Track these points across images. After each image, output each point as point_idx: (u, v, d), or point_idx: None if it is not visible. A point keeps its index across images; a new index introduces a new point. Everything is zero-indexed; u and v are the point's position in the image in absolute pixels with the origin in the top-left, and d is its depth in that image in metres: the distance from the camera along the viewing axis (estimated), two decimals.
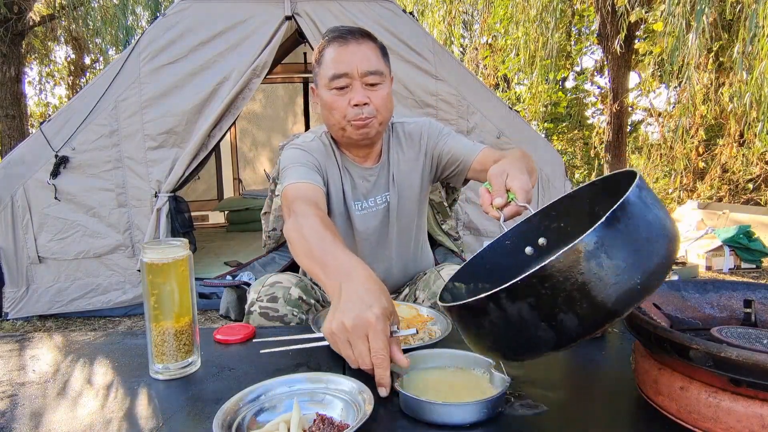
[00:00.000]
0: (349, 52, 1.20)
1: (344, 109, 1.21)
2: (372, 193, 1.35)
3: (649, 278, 0.55)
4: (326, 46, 1.23)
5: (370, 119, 1.22)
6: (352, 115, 1.21)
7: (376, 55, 1.24)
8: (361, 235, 1.35)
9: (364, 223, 1.34)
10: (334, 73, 1.20)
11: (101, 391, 0.81)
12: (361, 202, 1.34)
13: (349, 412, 0.69)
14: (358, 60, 1.20)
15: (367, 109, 1.21)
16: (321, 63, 1.24)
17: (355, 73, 1.20)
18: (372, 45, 1.24)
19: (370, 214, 1.35)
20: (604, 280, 0.54)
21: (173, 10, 3.21)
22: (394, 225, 1.36)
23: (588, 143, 8.54)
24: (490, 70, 8.30)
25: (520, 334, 0.59)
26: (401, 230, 1.38)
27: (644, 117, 8.58)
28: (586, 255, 0.53)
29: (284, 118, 6.44)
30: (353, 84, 1.20)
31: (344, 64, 1.19)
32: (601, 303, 0.54)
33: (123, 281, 3.34)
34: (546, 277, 0.54)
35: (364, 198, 1.34)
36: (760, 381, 0.57)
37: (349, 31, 1.23)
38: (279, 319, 1.17)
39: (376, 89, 1.22)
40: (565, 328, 0.56)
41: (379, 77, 1.22)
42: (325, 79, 1.22)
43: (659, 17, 4.82)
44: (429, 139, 1.37)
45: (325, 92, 1.23)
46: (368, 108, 1.21)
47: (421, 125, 1.39)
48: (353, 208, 1.33)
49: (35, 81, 9.43)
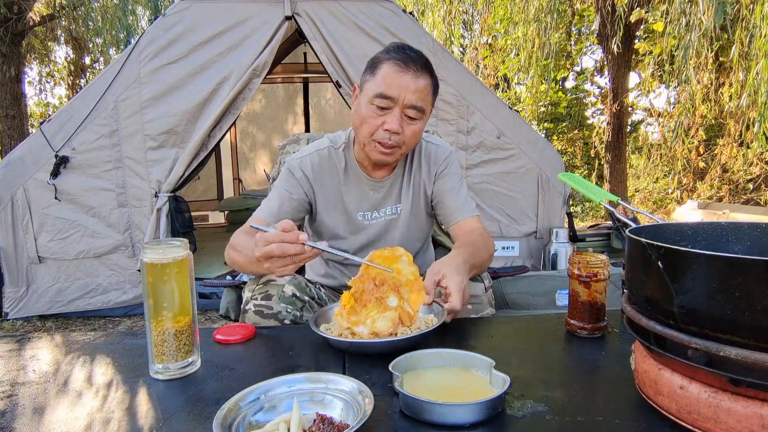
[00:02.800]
0: (404, 79, 1.20)
1: (375, 128, 1.23)
2: (382, 204, 1.38)
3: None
4: (385, 61, 1.23)
5: (394, 148, 1.24)
6: (380, 137, 1.23)
7: (427, 91, 1.25)
8: (367, 241, 1.39)
9: (371, 232, 1.38)
10: (382, 92, 1.21)
11: (101, 391, 0.81)
12: (370, 212, 1.38)
13: (349, 412, 0.69)
14: (410, 91, 1.21)
15: (396, 138, 1.23)
16: (374, 74, 1.24)
17: (401, 101, 1.21)
18: (428, 81, 1.24)
19: (379, 223, 1.39)
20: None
21: (173, 10, 3.21)
22: (404, 233, 1.40)
23: (588, 143, 8.53)
24: (490, 70, 8.29)
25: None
26: (410, 237, 1.42)
27: (644, 117, 8.58)
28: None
29: (284, 118, 6.44)
30: (394, 109, 1.22)
31: (395, 89, 1.20)
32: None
33: (123, 281, 3.34)
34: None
35: (374, 209, 1.38)
36: (759, 381, 0.57)
37: (413, 59, 1.22)
38: (273, 317, 1.17)
39: (412, 123, 1.24)
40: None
41: (420, 113, 1.24)
42: (371, 93, 1.23)
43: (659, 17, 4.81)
44: (438, 171, 1.40)
45: (366, 104, 1.24)
46: (397, 137, 1.23)
47: (440, 153, 1.41)
48: (359, 218, 1.37)
49: (35, 81, 9.43)
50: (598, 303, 0.98)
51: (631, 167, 7.94)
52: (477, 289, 1.25)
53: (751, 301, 0.55)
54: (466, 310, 1.22)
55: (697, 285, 0.60)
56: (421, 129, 1.28)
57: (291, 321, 1.18)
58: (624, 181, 6.42)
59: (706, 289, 0.59)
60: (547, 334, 1.03)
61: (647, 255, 0.65)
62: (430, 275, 1.07)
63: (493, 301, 1.29)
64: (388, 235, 1.40)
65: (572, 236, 3.70)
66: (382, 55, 1.25)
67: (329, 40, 3.26)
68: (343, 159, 1.37)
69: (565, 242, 3.56)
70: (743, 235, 0.78)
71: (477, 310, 1.23)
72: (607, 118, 6.39)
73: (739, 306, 0.56)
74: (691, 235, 0.80)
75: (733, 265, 0.57)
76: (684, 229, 0.80)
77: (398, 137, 1.23)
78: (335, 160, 1.36)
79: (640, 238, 0.67)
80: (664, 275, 0.63)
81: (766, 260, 0.54)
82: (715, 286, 0.58)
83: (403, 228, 1.40)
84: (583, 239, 4.02)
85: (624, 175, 6.44)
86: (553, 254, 3.55)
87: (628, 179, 7.05)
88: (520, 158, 3.59)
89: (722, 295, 0.57)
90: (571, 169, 8.66)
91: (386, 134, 1.22)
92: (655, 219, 0.85)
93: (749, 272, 0.55)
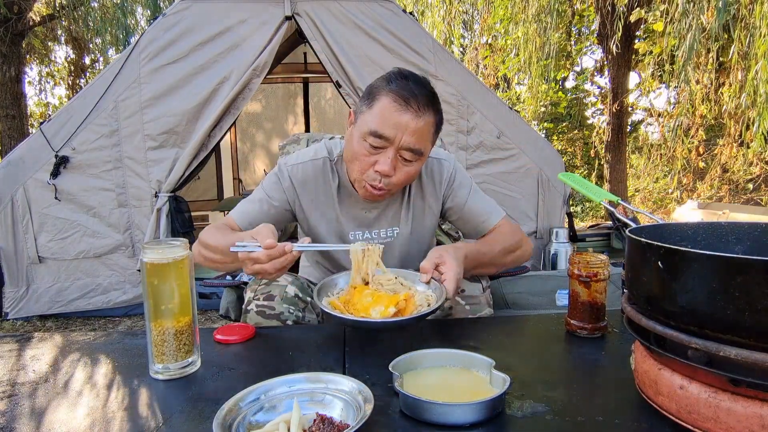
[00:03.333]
0: (402, 119, 1.09)
1: (366, 167, 1.14)
2: (376, 225, 1.32)
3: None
4: (384, 93, 1.11)
5: (384, 190, 1.16)
6: (369, 178, 1.15)
7: (428, 132, 1.14)
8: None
9: None
10: (376, 130, 1.10)
11: (101, 391, 0.81)
12: (362, 232, 1.31)
13: (349, 412, 0.69)
14: (408, 132, 1.09)
15: (387, 180, 1.14)
16: (370, 107, 1.12)
17: (397, 142, 1.10)
18: (430, 120, 1.13)
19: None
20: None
21: (173, 10, 3.21)
22: (403, 255, 1.35)
23: (588, 143, 8.54)
24: (490, 70, 8.30)
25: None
26: (409, 258, 1.36)
27: (644, 117, 8.59)
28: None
29: (284, 118, 6.43)
30: (388, 150, 1.11)
31: (391, 128, 1.09)
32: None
33: (123, 281, 3.34)
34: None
35: (366, 228, 1.31)
36: (759, 381, 0.57)
37: (414, 95, 1.10)
38: (275, 317, 1.17)
39: (407, 164, 1.14)
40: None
41: (417, 156, 1.14)
42: (365, 128, 1.12)
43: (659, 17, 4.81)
44: (447, 188, 1.33)
45: (359, 138, 1.14)
46: (388, 180, 1.14)
47: (446, 168, 1.33)
48: (350, 237, 1.30)
49: (35, 81, 9.42)
50: (598, 303, 0.98)
51: (631, 167, 7.94)
52: (475, 290, 1.24)
53: (751, 301, 0.55)
54: (463, 309, 1.21)
55: (697, 285, 0.60)
56: (417, 170, 1.17)
57: (293, 322, 1.17)
58: (624, 181, 6.42)
59: (706, 289, 0.59)
60: (547, 334, 1.03)
61: (647, 255, 0.65)
62: (430, 258, 1.07)
63: (492, 301, 1.28)
64: (384, 257, 1.36)
65: (572, 236, 3.71)
66: (382, 85, 1.13)
67: (329, 40, 3.26)
68: (337, 174, 1.29)
69: (565, 242, 3.57)
70: (743, 235, 0.78)
71: (475, 310, 1.22)
72: (607, 118, 6.40)
73: (739, 306, 0.56)
74: (691, 235, 0.80)
75: (733, 265, 0.57)
76: (684, 229, 0.80)
77: (389, 179, 1.13)
78: (329, 174, 1.28)
79: (640, 238, 0.67)
80: (664, 275, 0.63)
81: (766, 260, 0.54)
82: (715, 286, 0.58)
83: (401, 250, 1.34)
84: (583, 239, 4.02)
85: (624, 175, 6.44)
86: (553, 254, 3.55)
87: (628, 179, 7.06)
88: (520, 158, 3.59)
89: (722, 295, 0.57)
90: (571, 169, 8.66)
91: (377, 176, 1.13)
92: (655, 219, 0.85)
93: (749, 272, 0.55)
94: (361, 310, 0.98)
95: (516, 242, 1.30)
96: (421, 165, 1.19)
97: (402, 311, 0.97)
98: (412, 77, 1.14)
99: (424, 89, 1.12)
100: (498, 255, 1.25)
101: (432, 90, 1.15)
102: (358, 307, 0.99)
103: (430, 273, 1.04)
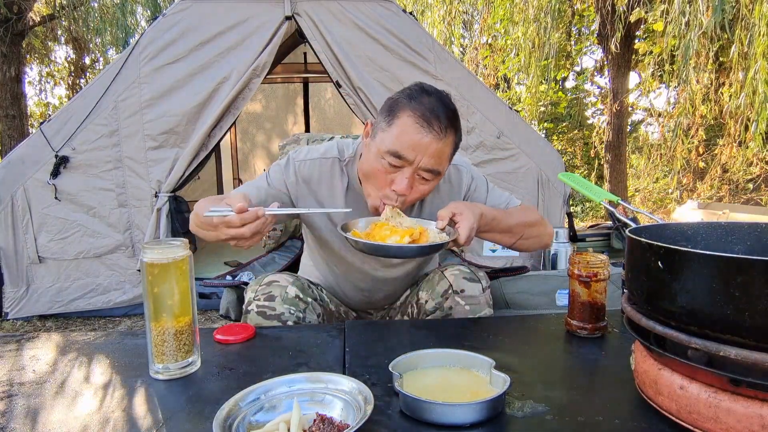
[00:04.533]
0: (424, 140, 1.06)
1: (382, 185, 1.12)
2: None
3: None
4: (406, 112, 1.08)
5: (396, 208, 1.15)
6: (385, 196, 1.13)
7: (448, 153, 1.12)
8: (361, 262, 1.33)
9: (368, 254, 1.30)
10: (396, 151, 1.07)
11: (101, 391, 0.81)
12: None
13: (349, 412, 0.69)
14: (428, 154, 1.07)
15: (402, 199, 1.13)
16: (390, 124, 1.09)
17: (416, 163, 1.08)
18: (452, 140, 1.11)
19: None
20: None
21: (173, 10, 3.21)
22: (410, 260, 1.34)
23: (588, 143, 8.54)
24: (490, 70, 8.29)
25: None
26: (414, 262, 1.36)
27: (644, 117, 8.59)
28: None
29: (284, 118, 6.43)
30: (405, 169, 1.09)
31: (411, 150, 1.07)
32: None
33: (123, 281, 3.34)
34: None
35: None
36: (759, 381, 0.57)
37: (437, 116, 1.07)
38: (276, 318, 1.17)
39: (424, 183, 1.13)
40: None
41: (435, 176, 1.12)
42: (384, 147, 1.09)
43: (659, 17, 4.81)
44: (468, 196, 1.33)
45: (376, 155, 1.11)
46: (404, 198, 1.13)
47: (464, 176, 1.33)
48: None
49: (35, 81, 9.43)
50: (598, 303, 0.98)
51: (631, 167, 7.94)
52: (475, 290, 1.24)
53: (751, 301, 0.55)
54: (463, 309, 1.21)
55: (697, 285, 0.60)
56: (432, 188, 1.16)
57: (294, 322, 1.17)
58: (624, 181, 6.42)
59: (706, 289, 0.59)
60: (547, 334, 1.03)
61: (647, 255, 0.65)
62: (447, 208, 1.09)
63: (491, 301, 1.28)
64: (388, 259, 1.33)
65: (572, 236, 3.71)
66: (404, 101, 1.09)
67: (329, 40, 3.26)
68: (347, 175, 1.27)
69: (565, 242, 3.56)
70: (743, 235, 0.78)
71: (475, 310, 1.22)
72: (607, 118, 6.40)
73: (739, 306, 0.56)
74: (691, 235, 0.80)
75: (733, 265, 0.57)
76: (684, 229, 0.80)
77: (404, 198, 1.12)
78: (337, 174, 1.27)
79: (640, 238, 0.67)
80: (664, 275, 0.63)
81: (766, 260, 0.54)
82: (715, 286, 0.58)
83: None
84: (583, 239, 4.02)
85: (624, 175, 6.44)
86: (553, 254, 3.55)
87: (628, 179, 7.06)
88: (520, 158, 3.59)
89: (722, 295, 0.57)
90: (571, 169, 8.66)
91: (393, 194, 1.11)
92: (655, 219, 0.85)
93: (749, 272, 0.55)
94: (379, 239, 1.06)
95: (535, 219, 1.29)
96: (437, 183, 1.18)
97: (416, 242, 1.05)
98: (435, 94, 1.11)
99: (446, 108, 1.09)
100: (513, 225, 1.23)
101: (454, 108, 1.12)
102: (377, 239, 1.07)
103: (446, 219, 1.07)
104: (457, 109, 1.14)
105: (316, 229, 1.33)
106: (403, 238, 1.04)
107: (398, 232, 1.07)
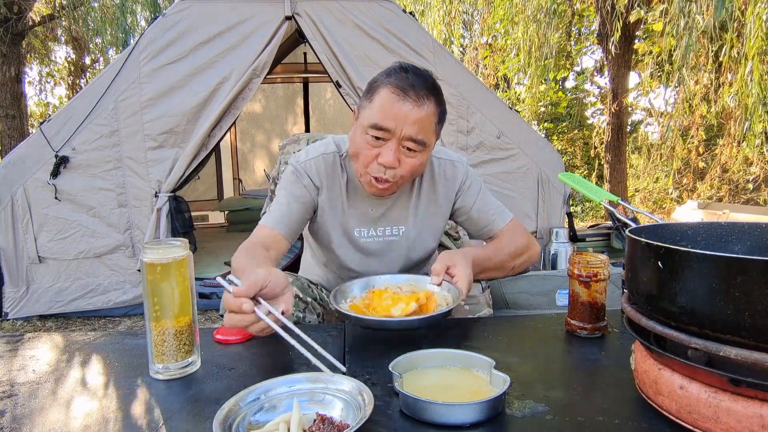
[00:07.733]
0: (403, 110, 1.08)
1: (369, 161, 1.13)
2: (381, 222, 1.31)
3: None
4: (383, 86, 1.11)
5: (390, 182, 1.15)
6: (374, 171, 1.13)
7: (430, 122, 1.12)
8: (361, 259, 1.34)
9: (367, 249, 1.32)
10: (376, 122, 1.09)
11: (101, 391, 0.81)
12: (366, 229, 1.30)
13: (349, 412, 0.69)
14: (408, 122, 1.08)
15: (392, 173, 1.13)
16: (371, 100, 1.12)
17: (398, 133, 1.09)
18: (432, 110, 1.12)
19: (378, 242, 1.31)
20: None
21: (173, 10, 3.21)
22: (406, 255, 1.34)
23: (588, 143, 8.54)
24: (490, 70, 8.30)
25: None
26: (412, 259, 1.36)
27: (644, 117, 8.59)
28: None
29: (284, 118, 6.44)
30: (390, 141, 1.10)
31: (391, 120, 1.08)
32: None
33: (123, 281, 3.34)
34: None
35: (371, 225, 1.31)
36: (759, 381, 0.57)
37: (414, 85, 1.09)
38: None
39: (411, 155, 1.13)
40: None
41: (420, 146, 1.12)
42: (366, 122, 1.11)
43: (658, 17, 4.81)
44: (460, 190, 1.33)
45: (361, 133, 1.13)
46: (393, 172, 1.12)
47: (459, 170, 1.33)
48: (356, 233, 1.30)
49: (35, 81, 9.43)
50: (598, 303, 0.98)
51: (631, 167, 7.94)
52: (475, 290, 1.24)
53: (751, 301, 0.55)
54: (463, 309, 1.22)
55: (697, 285, 0.60)
56: (423, 162, 1.16)
57: (294, 322, 1.17)
58: (624, 181, 6.42)
59: (706, 289, 0.59)
60: (547, 334, 1.03)
61: (647, 255, 0.65)
62: (441, 260, 1.08)
63: (491, 301, 1.29)
64: (386, 256, 1.33)
65: (572, 236, 3.71)
66: (381, 79, 1.13)
67: (329, 40, 3.26)
68: (346, 170, 1.29)
69: (565, 242, 3.57)
70: (743, 235, 0.78)
71: (474, 310, 1.22)
72: (607, 118, 6.39)
73: (739, 306, 0.56)
74: (691, 235, 0.80)
75: (733, 265, 0.57)
76: (684, 229, 0.80)
77: (394, 171, 1.12)
78: (339, 169, 1.28)
79: (640, 238, 0.67)
80: (664, 275, 0.63)
81: (766, 260, 0.54)
82: (715, 286, 0.58)
83: (404, 250, 1.33)
84: (583, 239, 4.02)
85: (624, 175, 6.44)
86: (553, 254, 3.55)
87: (628, 179, 7.05)
88: (520, 158, 3.60)
89: (722, 295, 0.57)
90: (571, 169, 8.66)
91: (381, 168, 1.12)
92: (655, 219, 0.85)
93: (749, 272, 0.55)
94: (382, 311, 0.99)
95: (523, 246, 1.30)
96: (426, 157, 1.17)
97: (423, 308, 0.99)
98: (412, 69, 1.13)
99: (423, 79, 1.11)
100: (505, 259, 1.26)
101: (433, 81, 1.14)
102: (379, 310, 1.00)
103: (441, 275, 1.05)
104: (437, 83, 1.15)
105: (324, 236, 1.32)
106: (409, 304, 0.98)
107: (401, 299, 1.01)
